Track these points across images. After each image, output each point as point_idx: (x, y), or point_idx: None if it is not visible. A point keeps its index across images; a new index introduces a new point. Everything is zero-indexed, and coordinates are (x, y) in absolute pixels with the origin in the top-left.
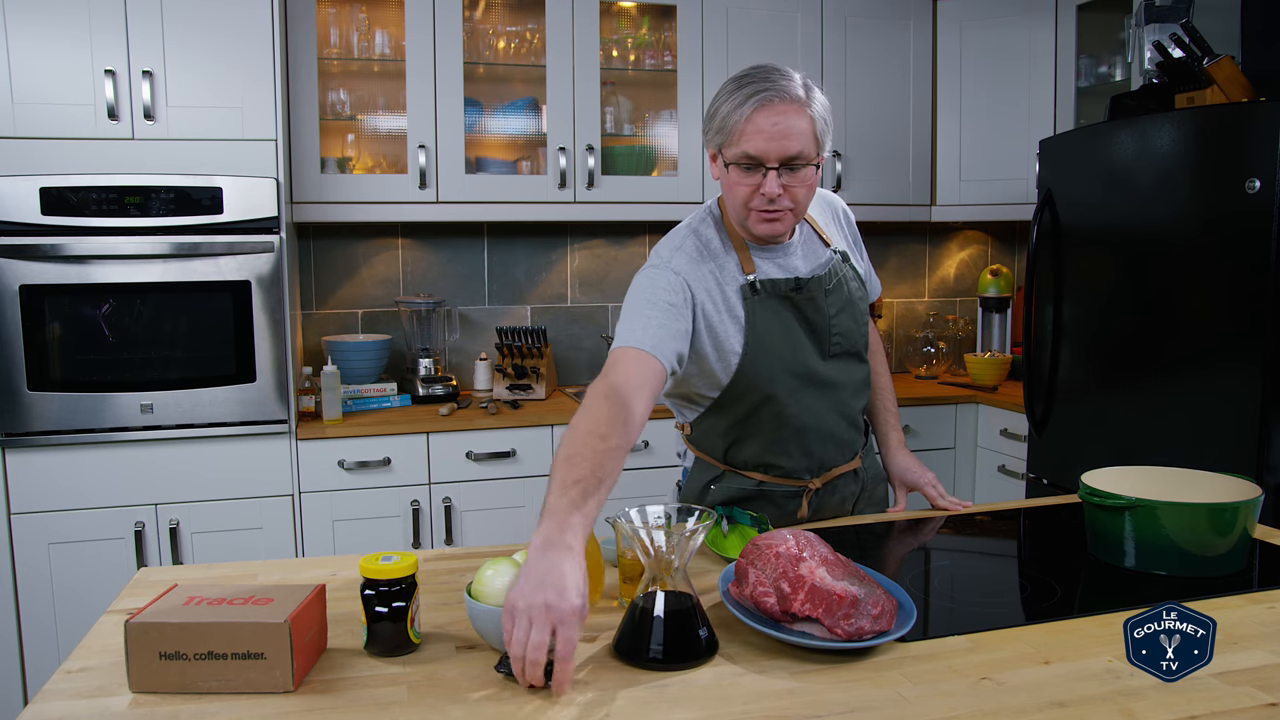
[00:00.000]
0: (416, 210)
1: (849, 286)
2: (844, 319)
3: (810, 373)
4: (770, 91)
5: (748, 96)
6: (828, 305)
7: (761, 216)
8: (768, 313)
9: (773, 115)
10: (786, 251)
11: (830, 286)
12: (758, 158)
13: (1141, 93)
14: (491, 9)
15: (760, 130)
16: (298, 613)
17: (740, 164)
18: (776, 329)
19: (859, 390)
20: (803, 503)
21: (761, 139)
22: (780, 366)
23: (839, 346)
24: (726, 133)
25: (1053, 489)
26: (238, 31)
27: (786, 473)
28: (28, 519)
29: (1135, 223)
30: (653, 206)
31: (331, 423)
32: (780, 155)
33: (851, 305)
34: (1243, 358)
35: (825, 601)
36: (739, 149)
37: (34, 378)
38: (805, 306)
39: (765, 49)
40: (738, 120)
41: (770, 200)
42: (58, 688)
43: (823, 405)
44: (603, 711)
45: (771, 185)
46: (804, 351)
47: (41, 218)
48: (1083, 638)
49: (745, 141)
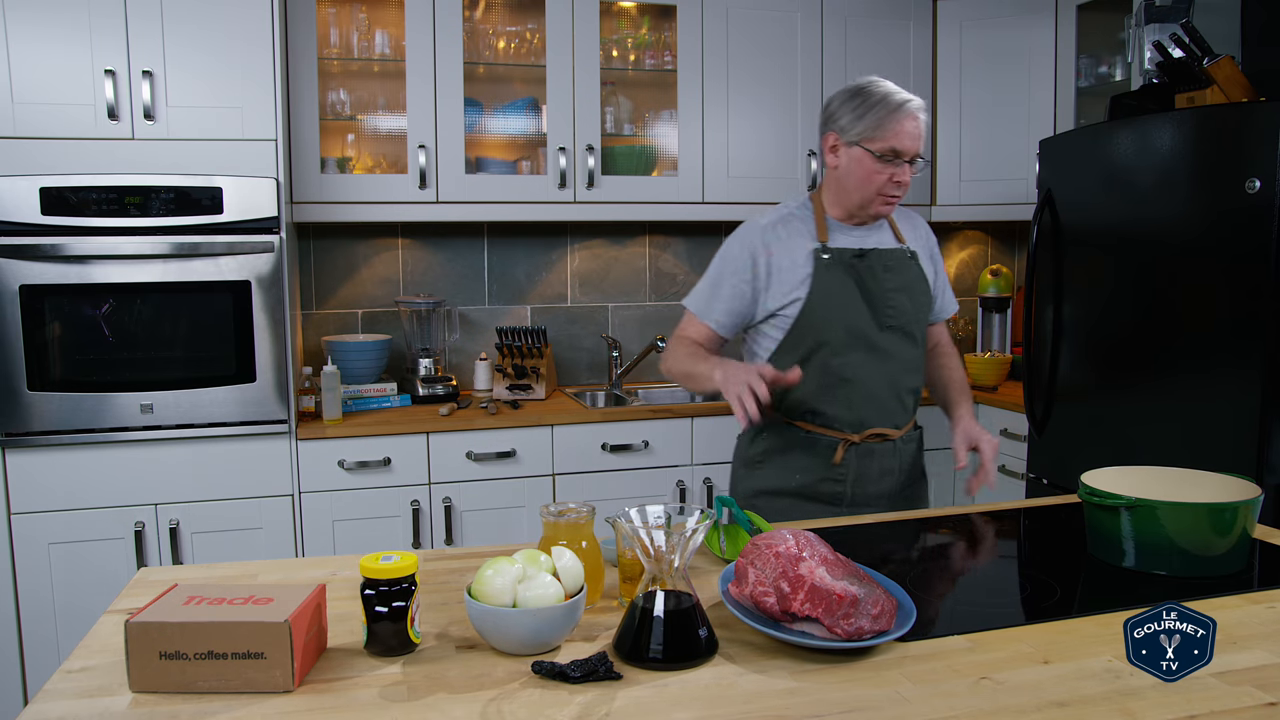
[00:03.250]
0: (416, 210)
1: (911, 276)
2: (901, 297)
3: (862, 334)
4: (914, 101)
5: (902, 103)
6: (885, 278)
7: (885, 199)
8: (832, 275)
9: (916, 120)
10: (864, 232)
11: (890, 264)
12: (902, 152)
13: (1141, 93)
14: (491, 9)
15: (907, 131)
16: (298, 613)
17: (884, 156)
18: (836, 289)
19: (909, 368)
20: (839, 451)
21: (907, 138)
22: (835, 320)
23: (892, 319)
24: (879, 129)
25: (1053, 489)
26: (238, 31)
27: (828, 421)
28: (28, 519)
29: (1135, 223)
30: (653, 206)
31: (331, 423)
32: (914, 151)
33: (910, 290)
34: (1243, 358)
35: (825, 601)
36: (888, 144)
37: (34, 378)
38: (865, 275)
39: (765, 49)
40: (893, 121)
41: (899, 185)
42: (58, 688)
43: (870, 368)
44: (603, 711)
45: (906, 175)
46: (859, 315)
47: (41, 218)
48: (1083, 638)
49: (894, 139)
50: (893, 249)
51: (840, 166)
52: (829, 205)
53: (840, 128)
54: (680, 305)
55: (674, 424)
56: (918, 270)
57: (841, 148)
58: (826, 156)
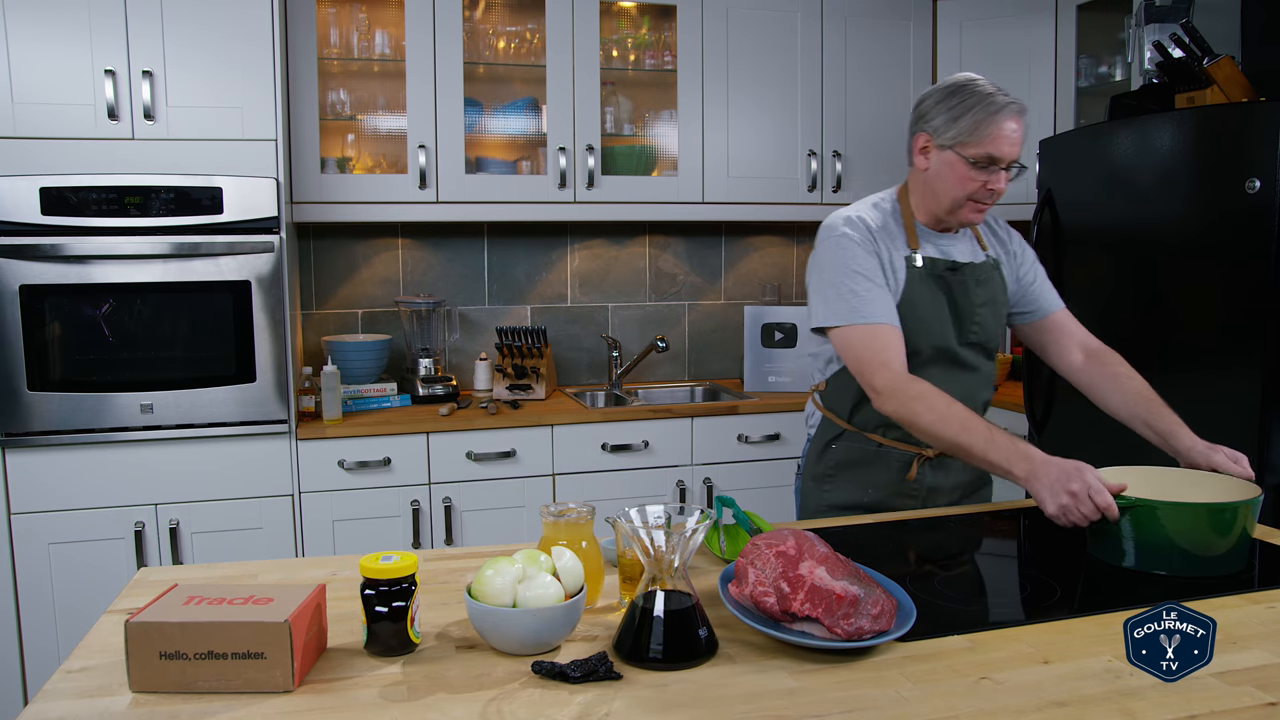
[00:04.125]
0: (416, 210)
1: (996, 288)
2: (986, 312)
3: (945, 349)
4: (1016, 105)
5: (1002, 106)
6: (975, 294)
7: (976, 206)
8: (922, 286)
9: (1018, 125)
10: (950, 240)
11: (981, 278)
12: (999, 159)
13: (1141, 93)
14: (491, 9)
15: (1007, 136)
16: (298, 613)
17: (979, 162)
18: (926, 301)
19: (985, 382)
20: (914, 466)
21: (1007, 144)
22: (920, 334)
23: (975, 335)
24: (976, 132)
25: None
26: (238, 31)
27: (904, 436)
28: (28, 519)
29: (1135, 223)
30: (653, 206)
31: (331, 423)
32: (1012, 158)
33: (994, 303)
34: (1243, 358)
35: (825, 601)
36: (984, 150)
37: (34, 378)
38: (956, 289)
39: (765, 49)
40: (992, 125)
41: (993, 194)
42: (58, 687)
43: (951, 382)
44: (603, 711)
45: (1003, 181)
46: (944, 329)
47: (41, 218)
48: (1083, 638)
49: (993, 144)
50: (981, 262)
51: (930, 170)
52: (915, 208)
53: (933, 129)
54: (675, 305)
55: (674, 424)
56: (1000, 281)
57: (933, 150)
58: (915, 158)
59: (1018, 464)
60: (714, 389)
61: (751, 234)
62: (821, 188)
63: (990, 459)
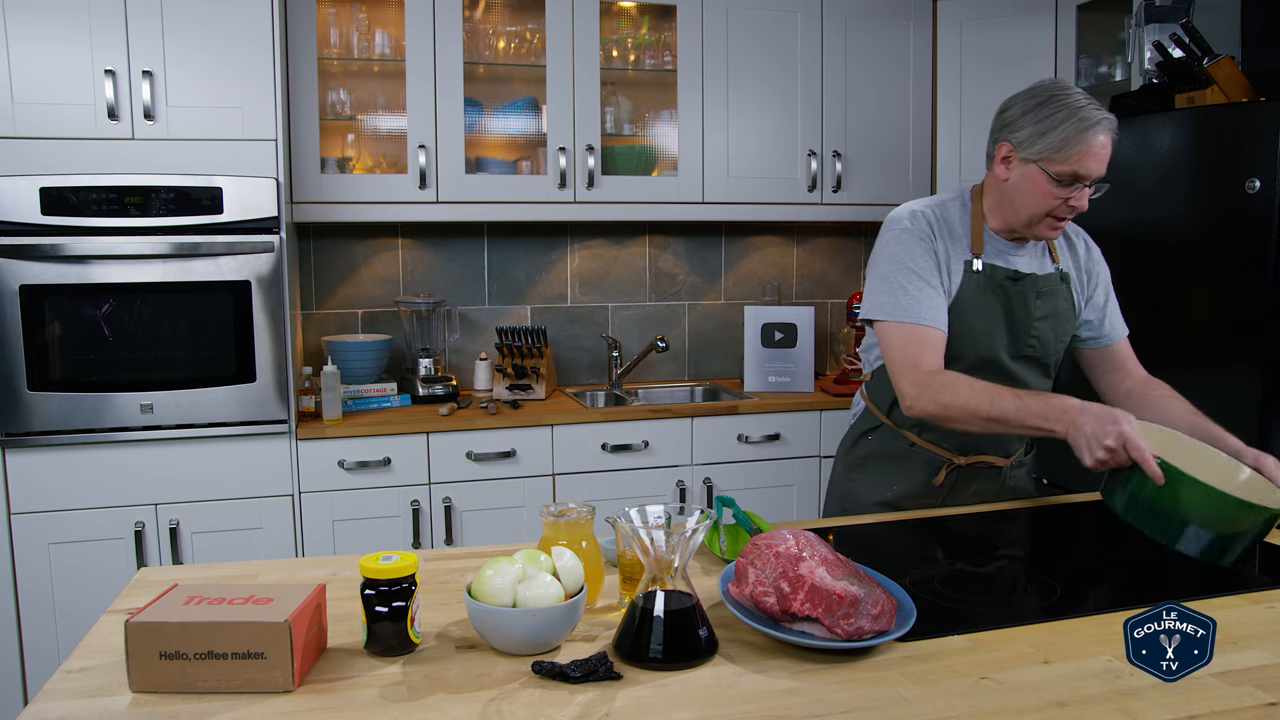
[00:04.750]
0: (416, 210)
1: (1060, 301)
2: (1045, 326)
3: (994, 360)
4: (1108, 120)
5: (1095, 122)
6: (1035, 306)
7: (1053, 223)
8: (978, 293)
9: (1108, 141)
10: (1018, 249)
11: (1044, 290)
12: (1085, 176)
13: (1141, 93)
14: (491, 9)
15: (1095, 154)
16: (298, 613)
17: (1062, 179)
18: (980, 310)
19: None
20: (941, 473)
21: (1094, 161)
22: (968, 342)
23: (1032, 349)
24: (1064, 148)
25: (1053, 489)
26: (238, 31)
27: (937, 439)
28: (28, 519)
29: (1135, 223)
30: (653, 206)
31: (331, 423)
32: (1099, 175)
33: (1057, 318)
34: (1243, 357)
35: (825, 601)
36: (1071, 167)
37: (34, 378)
38: (1015, 300)
39: (765, 49)
40: (1081, 143)
41: (1073, 210)
42: (58, 687)
43: None
44: (603, 711)
45: (1084, 199)
46: (995, 340)
47: (41, 218)
48: (1083, 638)
49: (1080, 161)
50: (1047, 274)
51: (1011, 181)
52: (989, 213)
53: (1018, 140)
54: (675, 305)
55: (674, 424)
56: (1067, 295)
57: (1015, 161)
58: (996, 166)
59: (1055, 422)
60: (714, 389)
61: (751, 234)
62: (821, 188)
63: (1027, 423)
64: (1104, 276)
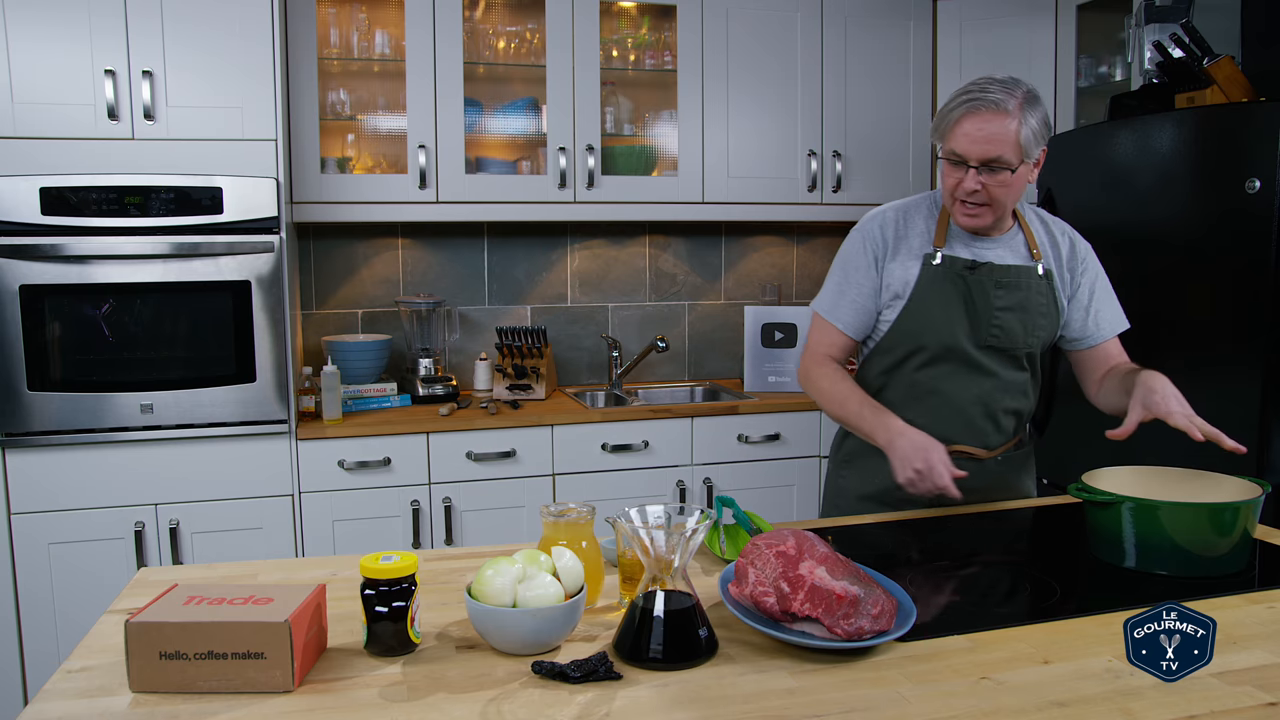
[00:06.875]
0: (416, 210)
1: (1031, 295)
2: (1010, 317)
3: (957, 349)
4: (978, 101)
5: (961, 103)
6: (996, 296)
7: (963, 209)
8: (935, 283)
9: (978, 121)
10: (984, 243)
11: (1006, 280)
12: (961, 156)
13: (1141, 93)
14: (491, 9)
15: (965, 133)
16: (298, 613)
17: (949, 159)
18: (938, 299)
19: (1011, 390)
20: None
21: (965, 141)
22: (927, 331)
23: (995, 339)
24: (941, 131)
25: (1053, 489)
26: (238, 31)
27: None
28: (28, 519)
29: (1135, 223)
30: (653, 206)
31: (331, 423)
32: (980, 157)
33: (1025, 311)
34: (1243, 358)
35: (825, 601)
36: (950, 146)
37: (34, 378)
38: (974, 288)
39: (765, 49)
40: (948, 122)
41: (968, 194)
42: (58, 687)
43: (960, 382)
44: (603, 711)
45: (969, 182)
46: (957, 329)
47: (41, 218)
48: (1083, 638)
49: (952, 141)
50: (1014, 265)
51: None
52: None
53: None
54: (675, 305)
55: (674, 424)
56: (1045, 291)
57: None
58: None
59: (879, 434)
60: (714, 389)
61: (751, 234)
62: (821, 188)
63: (861, 429)
64: (1089, 276)
